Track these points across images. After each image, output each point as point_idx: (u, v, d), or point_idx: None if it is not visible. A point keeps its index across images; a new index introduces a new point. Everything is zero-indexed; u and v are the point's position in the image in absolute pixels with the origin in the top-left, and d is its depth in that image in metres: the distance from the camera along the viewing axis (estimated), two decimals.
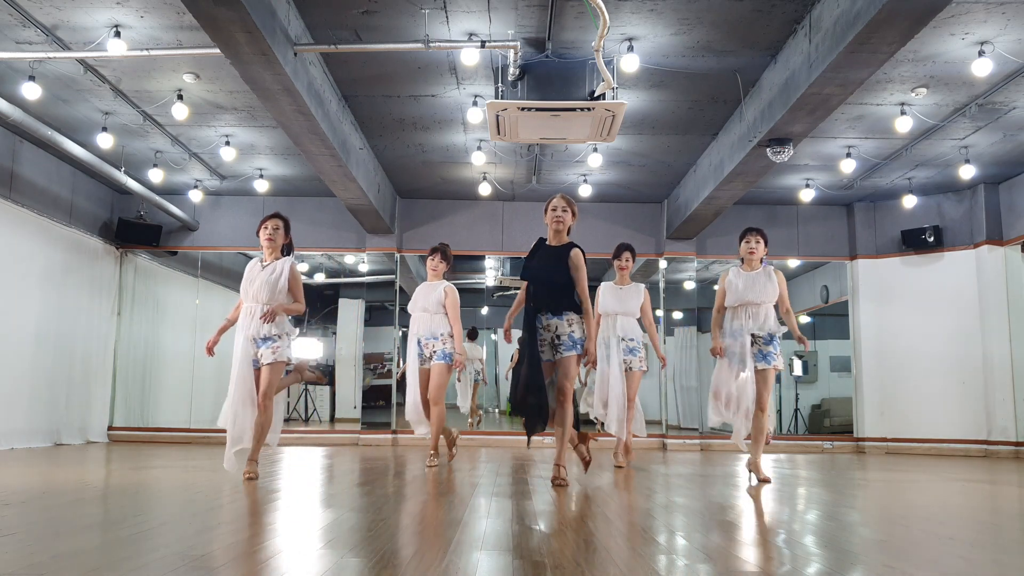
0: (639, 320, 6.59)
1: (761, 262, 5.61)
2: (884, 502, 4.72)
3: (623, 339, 6.43)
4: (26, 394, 8.29)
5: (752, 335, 5.43)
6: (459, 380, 9.74)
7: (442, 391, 6.15)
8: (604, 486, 5.15)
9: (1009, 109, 7.12)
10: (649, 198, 10.25)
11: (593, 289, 5.35)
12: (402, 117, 7.65)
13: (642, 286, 6.62)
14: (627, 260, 6.59)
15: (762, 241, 5.58)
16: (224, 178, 9.60)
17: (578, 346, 4.82)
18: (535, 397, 4.68)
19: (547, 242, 5.05)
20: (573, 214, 5.05)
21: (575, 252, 4.90)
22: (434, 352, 6.17)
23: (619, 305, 6.49)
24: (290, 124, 6.40)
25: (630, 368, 6.43)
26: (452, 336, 6.20)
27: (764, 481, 5.43)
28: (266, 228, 5.19)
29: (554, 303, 4.86)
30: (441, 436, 6.31)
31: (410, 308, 6.36)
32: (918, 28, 4.77)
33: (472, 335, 11.26)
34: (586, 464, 5.47)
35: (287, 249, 5.32)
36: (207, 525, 3.33)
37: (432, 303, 6.24)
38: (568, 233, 5.06)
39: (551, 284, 4.88)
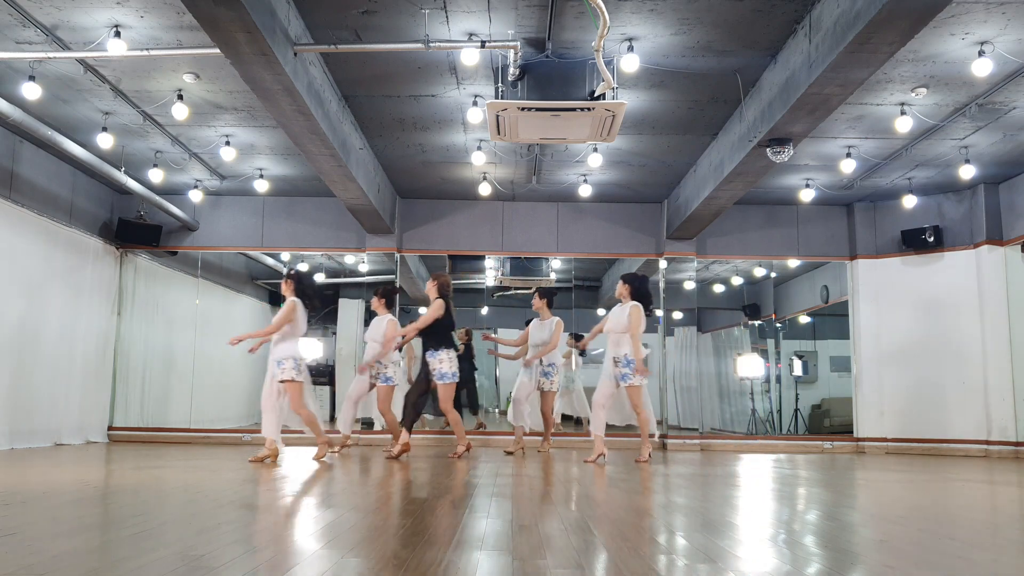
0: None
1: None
2: (884, 502, 4.72)
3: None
4: (26, 394, 8.29)
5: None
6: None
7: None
8: (605, 486, 5.15)
9: (1009, 109, 7.12)
10: (649, 198, 10.25)
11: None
12: (402, 117, 7.65)
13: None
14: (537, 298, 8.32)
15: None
16: (224, 178, 9.60)
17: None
18: None
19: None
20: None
21: None
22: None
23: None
24: (290, 124, 6.40)
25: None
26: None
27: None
28: None
29: None
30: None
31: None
32: (918, 28, 4.77)
33: None
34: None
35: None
36: (207, 525, 3.33)
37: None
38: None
39: None
